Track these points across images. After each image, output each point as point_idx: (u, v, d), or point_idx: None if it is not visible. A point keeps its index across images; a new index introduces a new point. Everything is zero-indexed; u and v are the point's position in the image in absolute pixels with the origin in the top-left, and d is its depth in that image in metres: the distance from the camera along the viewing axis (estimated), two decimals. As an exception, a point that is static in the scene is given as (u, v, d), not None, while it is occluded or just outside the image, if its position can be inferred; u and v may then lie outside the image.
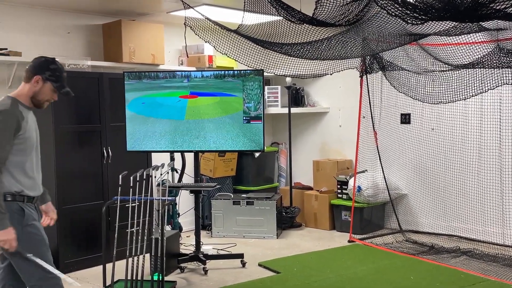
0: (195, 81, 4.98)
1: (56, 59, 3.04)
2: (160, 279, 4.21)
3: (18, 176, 2.83)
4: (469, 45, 4.69)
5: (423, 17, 2.96)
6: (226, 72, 5.09)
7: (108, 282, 4.21)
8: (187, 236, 5.99)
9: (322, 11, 3.29)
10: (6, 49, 4.78)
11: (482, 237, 5.50)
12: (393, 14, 3.00)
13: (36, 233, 2.86)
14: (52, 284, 2.87)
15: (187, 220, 6.16)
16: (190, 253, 4.99)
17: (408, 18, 3.00)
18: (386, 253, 5.32)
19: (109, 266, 4.14)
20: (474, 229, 5.58)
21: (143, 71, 5.12)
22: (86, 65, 5.13)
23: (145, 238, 4.25)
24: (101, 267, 4.25)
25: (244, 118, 4.97)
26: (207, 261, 4.92)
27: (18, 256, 2.78)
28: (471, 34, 4.32)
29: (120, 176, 4.16)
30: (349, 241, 5.81)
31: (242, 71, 5.02)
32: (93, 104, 5.03)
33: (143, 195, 4.26)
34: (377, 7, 3.15)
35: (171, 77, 4.99)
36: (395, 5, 2.89)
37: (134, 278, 4.16)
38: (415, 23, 3.12)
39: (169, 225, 5.49)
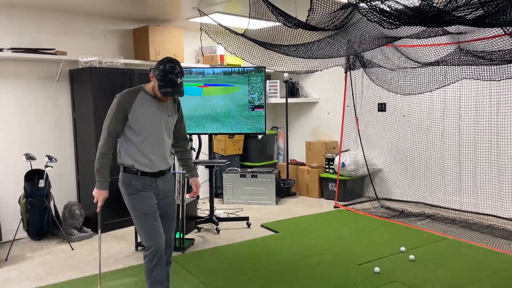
0: (208, 76, 4.99)
1: (175, 61, 2.68)
2: (182, 237, 4.26)
3: (132, 152, 2.76)
4: (435, 46, 4.66)
5: (397, 22, 2.93)
6: (233, 69, 5.08)
7: (139, 240, 4.27)
8: (203, 203, 6.03)
9: (314, 18, 3.26)
10: (54, 49, 4.78)
11: (443, 204, 5.53)
12: (372, 20, 2.97)
13: (133, 201, 2.76)
14: (147, 255, 2.75)
15: (203, 189, 6.19)
16: (206, 216, 5.03)
17: (385, 24, 2.97)
18: (364, 216, 5.35)
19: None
20: (437, 197, 5.61)
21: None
22: (119, 63, 5.12)
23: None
24: (133, 227, 4.30)
25: (249, 106, 4.97)
26: (219, 223, 4.97)
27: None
28: (437, 37, 4.28)
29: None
30: (334, 207, 5.84)
31: (245, 68, 5.01)
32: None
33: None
34: (359, 14, 3.12)
35: (188, 73, 4.98)
36: (374, 12, 2.86)
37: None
38: (390, 27, 3.10)
39: (188, 193, 5.52)
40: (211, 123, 4.96)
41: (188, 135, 5.56)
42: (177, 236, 4.26)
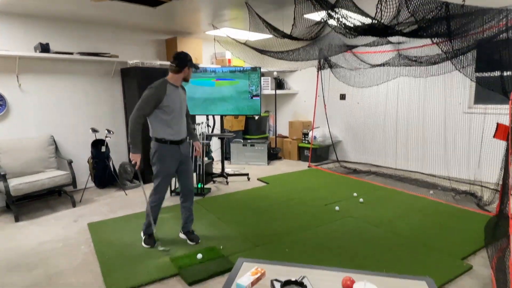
0: (219, 74, 4.91)
1: (185, 52, 2.83)
2: (202, 187, 4.29)
3: (163, 128, 2.72)
4: (381, 52, 4.61)
5: (356, 34, 2.89)
6: (236, 68, 5.02)
7: (173, 188, 4.31)
8: (216, 163, 6.07)
9: (296, 31, 3.21)
10: (109, 53, 4.68)
11: (384, 164, 5.58)
12: (338, 32, 2.93)
13: (159, 165, 2.76)
14: (154, 198, 2.81)
15: (216, 154, 6.21)
16: (219, 173, 5.06)
17: (347, 35, 2.93)
18: (329, 173, 5.39)
19: (173, 180, 4.21)
20: (379, 160, 5.65)
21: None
22: (156, 64, 5.03)
23: (193, 163, 4.29)
24: (168, 179, 4.32)
25: (249, 95, 4.92)
26: (228, 177, 5.00)
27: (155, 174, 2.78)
28: (383, 45, 4.24)
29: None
30: (308, 167, 5.87)
31: (245, 68, 4.95)
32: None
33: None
34: (329, 28, 3.07)
35: (205, 71, 4.91)
36: (340, 27, 2.82)
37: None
38: (350, 38, 3.05)
39: (207, 157, 5.54)
40: (221, 102, 4.93)
41: (206, 116, 5.61)
42: (199, 186, 4.30)
